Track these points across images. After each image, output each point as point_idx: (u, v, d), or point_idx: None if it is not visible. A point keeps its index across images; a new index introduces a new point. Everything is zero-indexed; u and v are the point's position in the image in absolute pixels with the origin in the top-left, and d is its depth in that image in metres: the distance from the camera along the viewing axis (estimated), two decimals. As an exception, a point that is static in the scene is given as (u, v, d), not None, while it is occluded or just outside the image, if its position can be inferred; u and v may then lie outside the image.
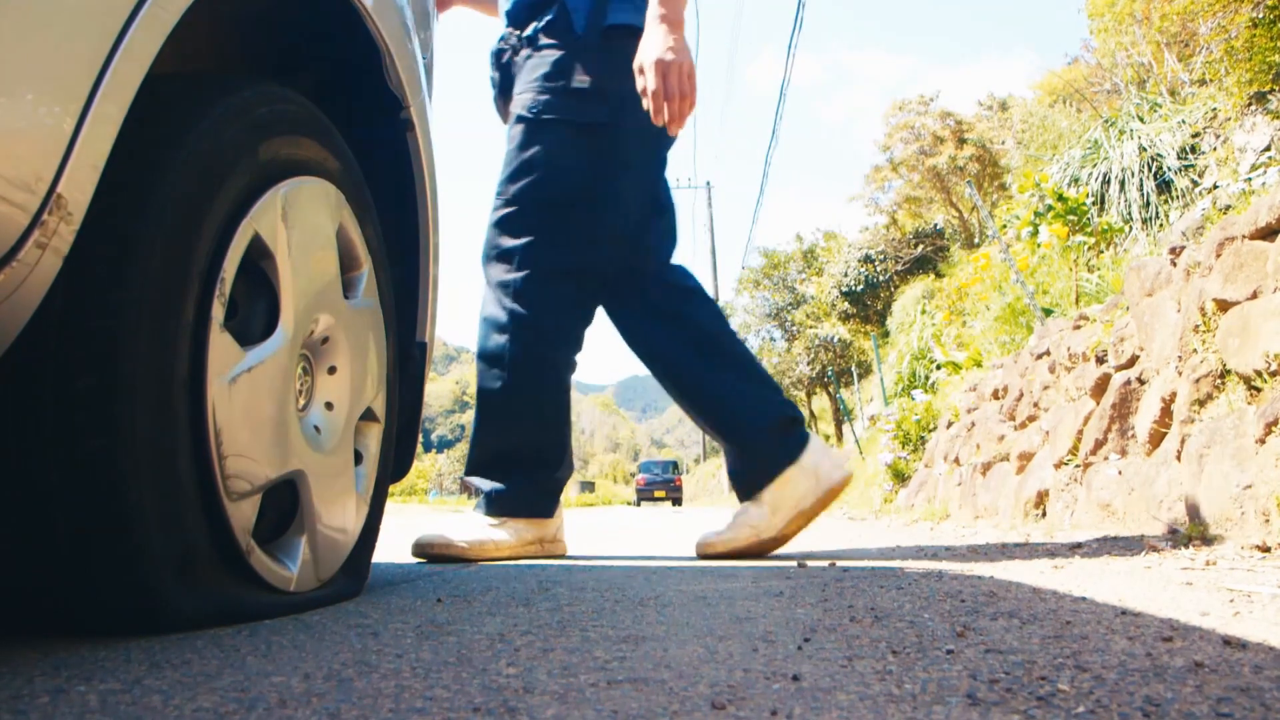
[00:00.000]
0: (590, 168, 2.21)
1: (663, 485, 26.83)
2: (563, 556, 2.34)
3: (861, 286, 14.74)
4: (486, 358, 2.24)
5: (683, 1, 2.06)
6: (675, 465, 29.80)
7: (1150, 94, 7.13)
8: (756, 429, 2.23)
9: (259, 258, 1.01)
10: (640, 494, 27.27)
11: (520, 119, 2.21)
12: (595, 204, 2.22)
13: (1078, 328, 3.60)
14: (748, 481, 2.23)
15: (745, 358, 2.34)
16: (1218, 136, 5.65)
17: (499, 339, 2.22)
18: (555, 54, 2.19)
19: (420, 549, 2.13)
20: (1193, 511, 2.20)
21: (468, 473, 2.32)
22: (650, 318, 2.32)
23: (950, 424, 5.55)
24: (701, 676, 0.71)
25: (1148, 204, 5.89)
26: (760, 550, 2.19)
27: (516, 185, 2.20)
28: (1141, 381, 2.80)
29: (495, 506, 2.23)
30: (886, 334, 13.07)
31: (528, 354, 2.21)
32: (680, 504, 25.87)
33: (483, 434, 2.28)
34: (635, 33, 2.14)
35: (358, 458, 1.28)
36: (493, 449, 2.27)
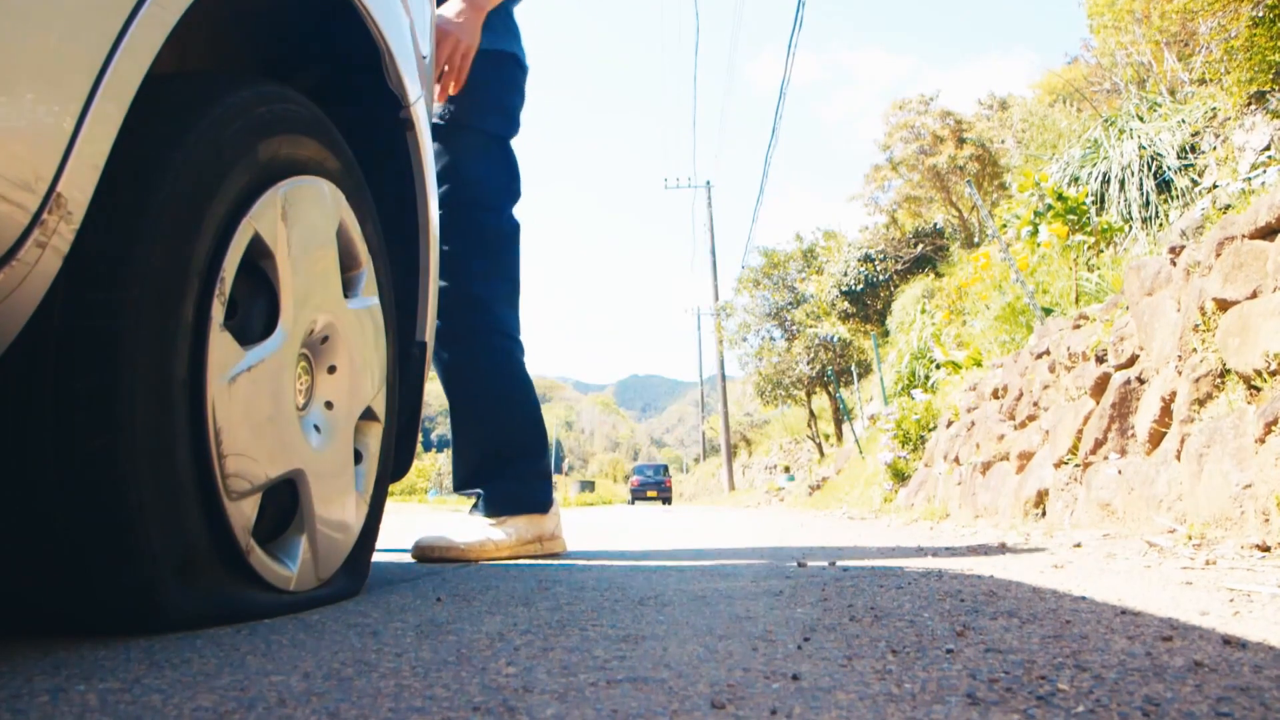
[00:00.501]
0: (498, 174, 2.31)
1: (654, 486, 29.52)
2: (562, 555, 2.35)
3: (861, 286, 14.73)
4: (452, 368, 2.27)
5: None
6: (665, 469, 32.72)
7: (1150, 93, 7.13)
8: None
9: (259, 257, 1.01)
10: (634, 494, 29.76)
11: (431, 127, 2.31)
12: (504, 209, 2.33)
13: (1077, 327, 3.60)
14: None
15: None
16: (1217, 136, 5.65)
17: (461, 347, 2.25)
18: None
19: (421, 552, 2.13)
20: (1192, 511, 2.20)
21: (457, 488, 2.35)
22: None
23: (950, 423, 5.55)
24: (701, 676, 0.71)
25: (1147, 203, 5.89)
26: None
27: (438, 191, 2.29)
28: (1141, 381, 2.80)
29: (493, 506, 2.24)
30: (886, 333, 13.07)
31: (494, 353, 2.26)
32: (670, 503, 28.19)
33: (465, 443, 2.31)
34: (517, 60, 2.33)
35: (357, 457, 1.28)
36: (478, 454, 2.30)
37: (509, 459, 2.28)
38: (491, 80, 2.26)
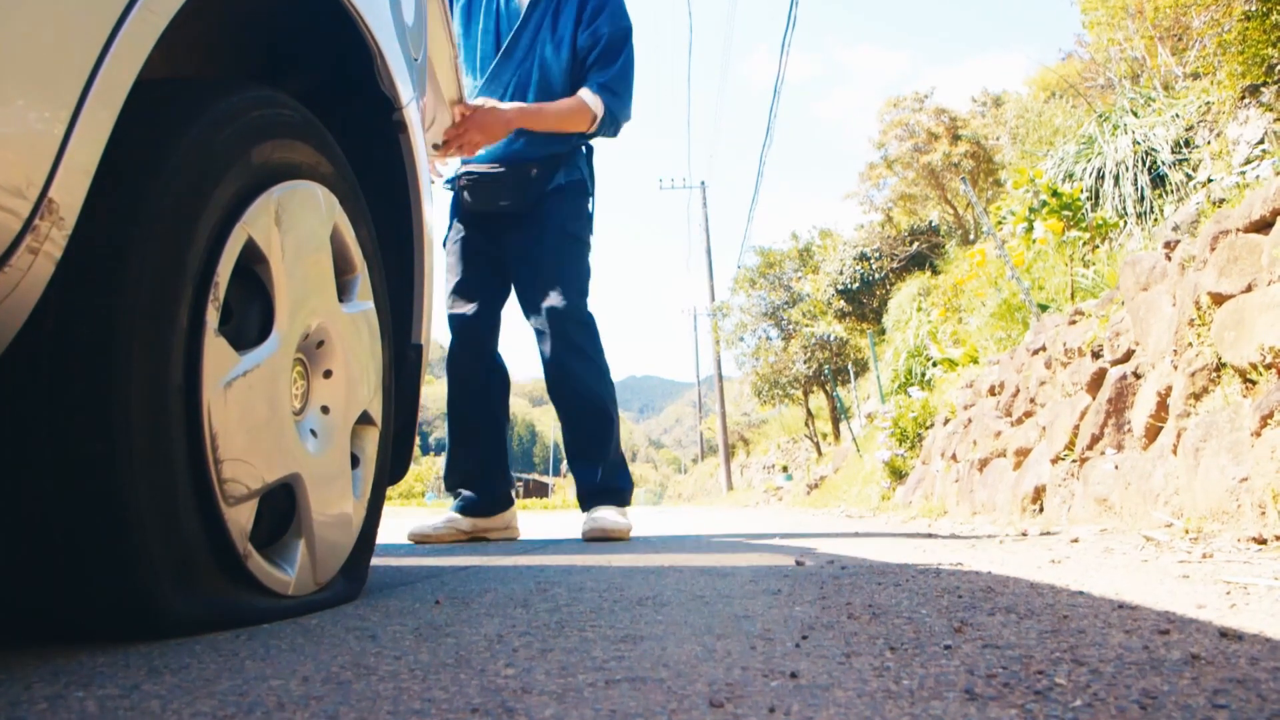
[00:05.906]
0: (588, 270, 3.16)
1: None
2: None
3: (857, 284, 14.71)
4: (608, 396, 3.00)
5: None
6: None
7: (1144, 88, 7.14)
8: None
9: (253, 262, 1.01)
10: None
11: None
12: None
13: (1073, 323, 3.60)
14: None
15: None
16: (1211, 130, 5.66)
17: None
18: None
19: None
20: (1189, 505, 2.20)
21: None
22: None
23: (947, 421, 5.56)
24: (699, 675, 0.71)
25: (1142, 198, 5.90)
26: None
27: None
28: (1137, 376, 2.81)
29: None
30: (883, 332, 13.07)
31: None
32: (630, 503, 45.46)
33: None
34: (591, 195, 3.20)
35: (354, 461, 1.28)
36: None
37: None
38: (583, 207, 3.06)
